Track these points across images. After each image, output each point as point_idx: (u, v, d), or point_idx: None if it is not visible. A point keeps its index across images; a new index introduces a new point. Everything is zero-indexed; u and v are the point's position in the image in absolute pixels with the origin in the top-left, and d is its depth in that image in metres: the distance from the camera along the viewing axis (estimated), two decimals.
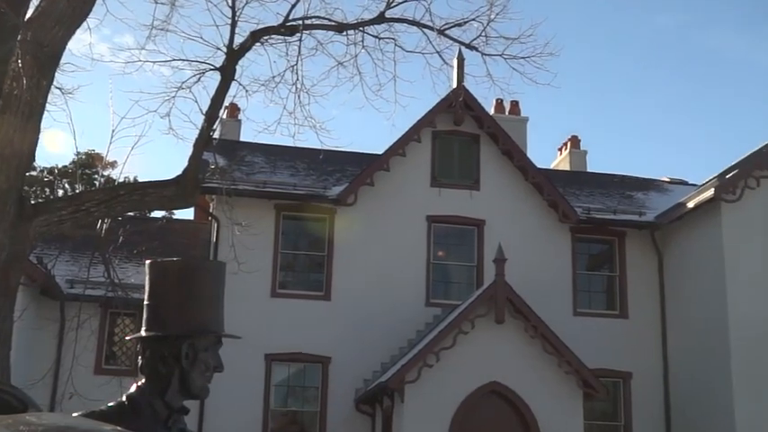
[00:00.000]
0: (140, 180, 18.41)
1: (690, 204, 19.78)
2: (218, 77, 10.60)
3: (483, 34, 12.06)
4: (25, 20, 7.76)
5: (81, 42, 30.68)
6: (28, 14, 7.91)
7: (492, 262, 17.84)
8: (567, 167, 26.43)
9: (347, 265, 20.20)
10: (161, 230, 21.23)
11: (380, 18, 11.69)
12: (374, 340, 19.65)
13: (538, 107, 53.30)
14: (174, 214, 29.06)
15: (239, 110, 23.99)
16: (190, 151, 10.00)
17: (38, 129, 7.92)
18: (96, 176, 31.67)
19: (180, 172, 9.82)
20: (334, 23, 11.58)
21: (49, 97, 8.27)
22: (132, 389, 3.04)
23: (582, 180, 24.47)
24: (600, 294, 21.61)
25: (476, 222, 20.91)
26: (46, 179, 35.01)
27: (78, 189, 25.18)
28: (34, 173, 32.80)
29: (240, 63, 10.93)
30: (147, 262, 3.16)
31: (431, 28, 11.87)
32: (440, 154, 21.30)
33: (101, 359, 19.88)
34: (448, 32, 11.98)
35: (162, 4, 11.02)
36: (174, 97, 11.08)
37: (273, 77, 11.68)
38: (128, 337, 5.22)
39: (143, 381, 3.04)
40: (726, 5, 55.39)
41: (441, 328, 17.67)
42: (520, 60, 12.21)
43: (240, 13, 11.00)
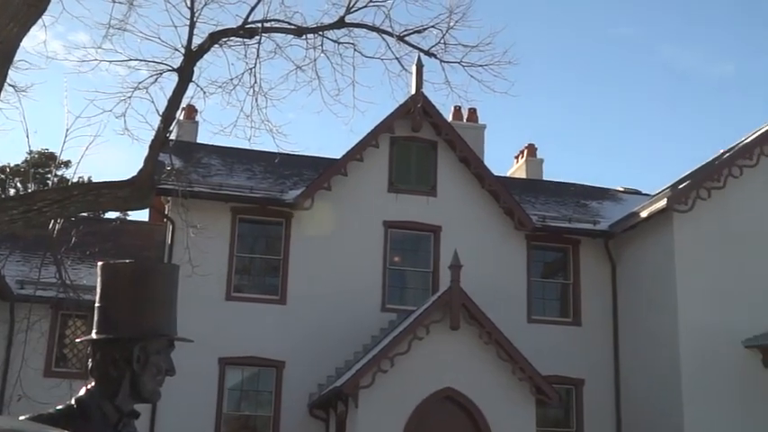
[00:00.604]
0: (95, 180, 18.20)
1: (643, 214, 20.05)
2: (175, 78, 10.53)
3: (442, 41, 12.14)
4: None
5: (35, 39, 30.20)
6: None
7: (448, 268, 17.90)
8: (524, 175, 26.64)
9: (303, 270, 20.14)
10: (115, 232, 21.02)
11: (340, 23, 11.69)
12: (329, 345, 19.61)
13: (496, 115, 53.69)
14: (129, 215, 28.71)
15: (196, 111, 23.82)
16: (145, 152, 9.91)
17: None
18: (49, 176, 31.19)
19: (135, 173, 9.72)
20: (293, 27, 11.56)
21: (2, 95, 8.14)
22: (82, 392, 3.00)
23: (538, 188, 24.68)
24: (554, 302, 21.80)
25: (432, 228, 20.98)
26: None
27: (31, 188, 24.78)
28: None
29: (198, 64, 10.87)
30: (99, 263, 3.12)
31: (390, 34, 11.90)
32: (397, 160, 21.35)
33: (51, 361, 19.58)
34: (407, 39, 12.03)
35: (120, 3, 10.92)
36: (131, 97, 10.98)
37: (231, 80, 11.63)
38: (78, 340, 5.16)
39: (93, 384, 3.00)
40: (680, 20, 56.29)
41: (396, 333, 17.69)
42: (478, 68, 12.31)
43: (199, 15, 10.94)
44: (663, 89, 57.64)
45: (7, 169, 34.87)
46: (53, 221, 10.44)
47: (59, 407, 2.96)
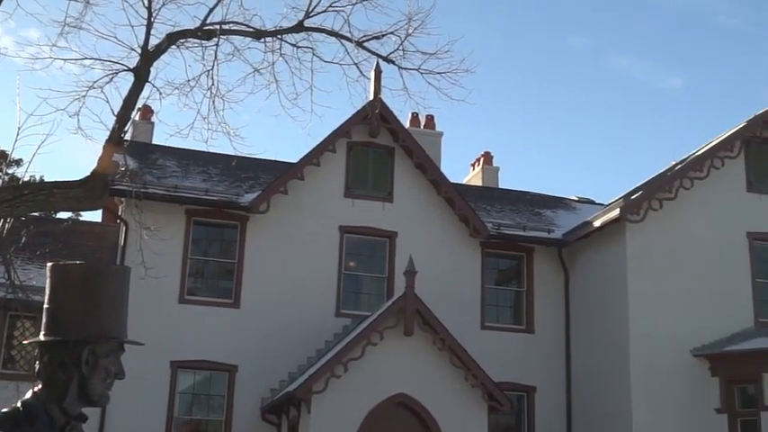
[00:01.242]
0: (46, 180, 17.93)
1: (596, 223, 20.28)
2: (131, 78, 10.42)
3: (401, 48, 12.16)
4: None
5: None
6: None
7: (402, 274, 17.93)
8: (480, 183, 26.81)
9: (258, 274, 20.04)
10: (66, 232, 20.70)
11: (299, 27, 11.67)
12: (282, 349, 19.52)
13: (453, 122, 53.96)
14: (81, 216, 28.32)
15: (152, 112, 23.58)
16: (99, 152, 9.79)
17: None
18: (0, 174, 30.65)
19: (88, 173, 9.60)
20: (252, 30, 11.51)
21: None
22: (28, 395, 2.95)
23: (493, 196, 24.84)
24: (507, 309, 21.95)
25: (388, 234, 21.01)
26: None
27: None
28: None
29: (155, 65, 10.77)
30: (49, 264, 3.08)
31: (349, 39, 11.91)
32: (354, 165, 21.35)
33: None
34: (366, 45, 12.04)
35: (76, 1, 10.78)
36: (85, 96, 10.84)
37: (188, 81, 11.53)
38: (26, 341, 5.07)
39: (40, 386, 2.95)
40: (631, 32, 57.13)
41: (350, 338, 17.66)
42: (436, 75, 12.34)
43: (156, 15, 10.85)
44: (616, 100, 58.44)
45: None
46: (2, 221, 10.27)
47: (5, 410, 2.91)
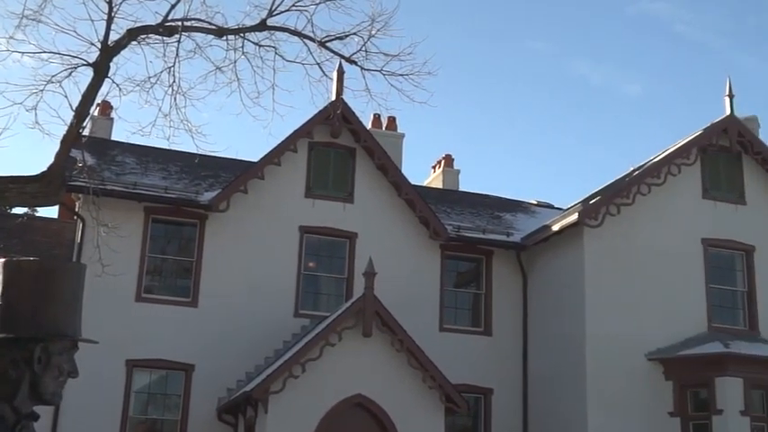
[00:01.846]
0: (2, 175, 17.63)
1: (555, 227, 20.45)
2: (90, 73, 10.31)
3: (363, 49, 12.17)
4: None
5: None
6: None
7: (362, 275, 17.93)
8: (440, 185, 26.90)
9: (216, 273, 19.92)
10: (22, 228, 20.39)
11: (262, 25, 11.62)
12: (240, 349, 19.42)
13: (414, 124, 54.13)
14: (37, 212, 27.95)
15: (112, 108, 23.33)
16: (57, 147, 9.67)
17: None
18: None
19: (45, 168, 9.48)
20: (214, 27, 11.44)
21: None
22: None
23: (453, 198, 24.94)
24: (466, 311, 22.05)
25: (348, 235, 21.00)
26: None
27: None
28: None
29: (115, 60, 10.67)
30: (2, 260, 3.03)
31: (312, 39, 11.89)
32: (315, 165, 21.31)
33: None
34: (329, 45, 12.03)
35: None
36: (43, 91, 10.69)
37: (149, 78, 11.43)
38: None
39: None
40: (591, 37, 57.73)
41: (308, 339, 17.62)
42: (398, 77, 12.37)
43: (117, 10, 10.74)
44: (576, 104, 58.99)
45: None
46: None
47: None
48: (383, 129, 24.88)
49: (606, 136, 58.96)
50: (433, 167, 28.27)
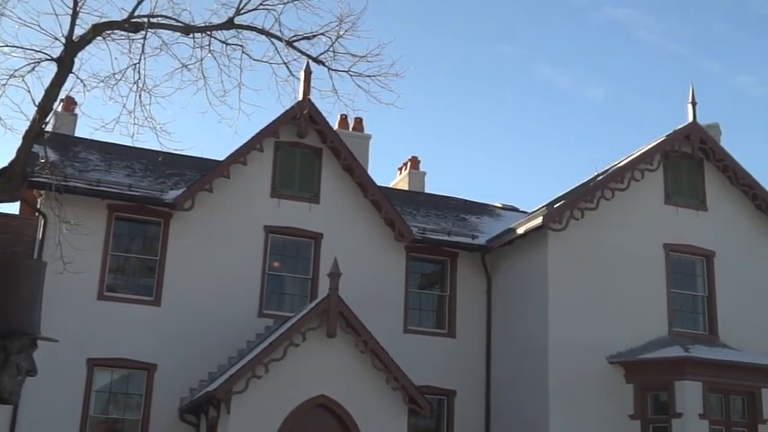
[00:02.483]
0: None
1: (519, 230, 20.58)
2: (54, 68, 10.19)
3: (331, 49, 12.13)
4: None
5: None
6: None
7: (327, 276, 17.91)
8: (406, 187, 26.96)
9: (180, 272, 19.79)
10: None
11: (229, 24, 11.56)
12: (203, 349, 19.32)
13: (381, 126, 54.20)
14: None
15: (76, 104, 23.11)
16: (18, 143, 9.54)
17: None
18: None
19: (6, 164, 9.34)
20: (181, 24, 11.35)
21: None
22: None
23: (419, 200, 25.01)
24: (430, 313, 22.11)
25: (313, 235, 20.97)
26: None
27: None
28: None
29: (79, 56, 10.54)
30: None
31: (279, 38, 11.83)
32: (281, 165, 21.25)
33: None
34: (296, 44, 11.97)
35: None
36: (5, 85, 10.54)
37: (114, 74, 11.30)
38: None
39: None
40: (556, 42, 58.21)
41: (272, 339, 17.57)
42: (366, 78, 12.33)
43: (82, 4, 10.61)
44: (543, 108, 59.41)
45: None
46: None
47: None
48: (350, 129, 24.90)
49: (571, 140, 59.47)
50: (400, 169, 28.33)
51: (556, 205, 20.45)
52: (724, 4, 56.81)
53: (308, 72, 19.83)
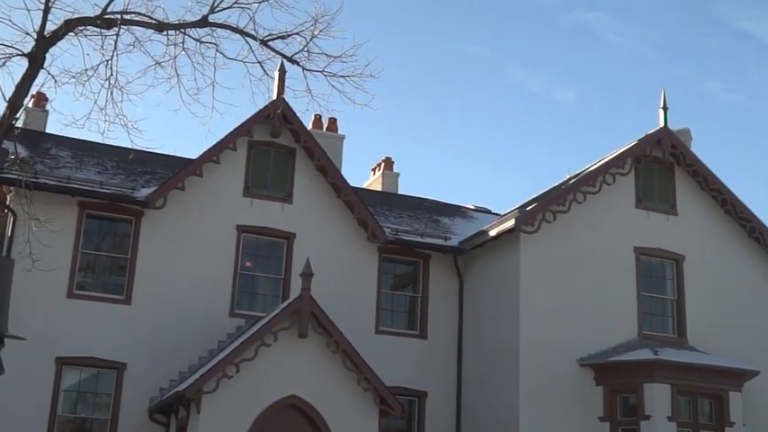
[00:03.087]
0: None
1: (492, 233, 20.64)
2: (25, 64, 10.11)
3: (305, 49, 12.14)
4: None
5: None
6: None
7: (299, 276, 17.88)
8: (380, 188, 26.97)
9: (151, 270, 19.67)
10: None
11: (203, 21, 11.53)
12: (174, 348, 19.20)
13: (355, 126, 54.18)
14: None
15: (47, 100, 22.89)
16: None
17: None
18: None
19: None
20: (154, 21, 11.31)
21: None
22: None
23: (392, 201, 25.02)
24: (402, 314, 22.12)
25: (286, 235, 20.92)
26: None
27: None
28: None
29: (51, 51, 10.48)
30: None
31: (254, 37, 11.82)
32: (254, 164, 21.18)
33: None
34: (271, 44, 11.98)
35: None
36: None
37: (86, 70, 11.23)
38: None
39: None
40: (527, 44, 58.52)
41: (243, 339, 17.50)
42: (340, 79, 12.36)
43: (55, 0, 10.55)
44: (514, 110, 59.69)
45: None
46: None
47: None
48: (324, 130, 24.85)
49: (543, 142, 59.77)
50: (373, 170, 28.34)
51: (528, 208, 20.55)
52: (693, 9, 57.41)
53: (282, 71, 19.78)
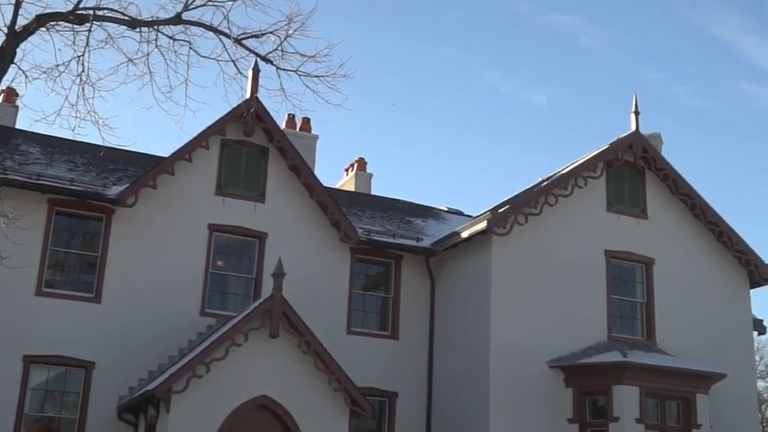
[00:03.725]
0: None
1: (464, 234, 20.71)
2: None
3: (279, 48, 12.12)
4: None
5: None
6: None
7: (270, 276, 17.83)
8: (353, 188, 26.98)
9: (121, 269, 19.54)
10: None
11: (177, 19, 11.48)
12: (143, 347, 19.09)
13: (329, 126, 54.13)
14: None
15: (17, 95, 22.68)
16: None
17: None
18: None
19: None
20: (127, 18, 11.24)
21: None
22: None
23: (365, 202, 25.04)
24: (373, 315, 22.14)
25: (258, 235, 20.86)
26: None
27: None
28: None
29: (22, 47, 10.39)
30: None
31: (227, 36, 11.78)
32: (227, 163, 21.10)
33: None
34: (244, 42, 11.95)
35: None
36: None
37: (57, 66, 11.14)
38: None
39: None
40: (500, 46, 58.81)
41: (213, 338, 17.42)
42: (314, 78, 12.34)
43: None
44: (486, 112, 59.96)
45: None
46: None
47: None
48: (297, 129, 24.83)
49: (516, 143, 60.11)
50: (346, 170, 28.35)
51: (500, 210, 20.64)
52: (664, 14, 58.00)
53: (256, 70, 19.73)
